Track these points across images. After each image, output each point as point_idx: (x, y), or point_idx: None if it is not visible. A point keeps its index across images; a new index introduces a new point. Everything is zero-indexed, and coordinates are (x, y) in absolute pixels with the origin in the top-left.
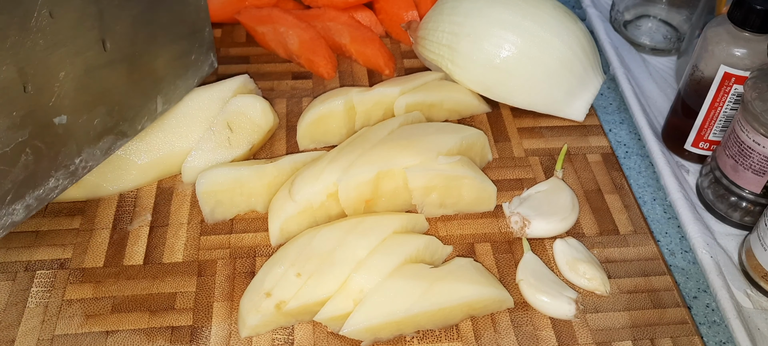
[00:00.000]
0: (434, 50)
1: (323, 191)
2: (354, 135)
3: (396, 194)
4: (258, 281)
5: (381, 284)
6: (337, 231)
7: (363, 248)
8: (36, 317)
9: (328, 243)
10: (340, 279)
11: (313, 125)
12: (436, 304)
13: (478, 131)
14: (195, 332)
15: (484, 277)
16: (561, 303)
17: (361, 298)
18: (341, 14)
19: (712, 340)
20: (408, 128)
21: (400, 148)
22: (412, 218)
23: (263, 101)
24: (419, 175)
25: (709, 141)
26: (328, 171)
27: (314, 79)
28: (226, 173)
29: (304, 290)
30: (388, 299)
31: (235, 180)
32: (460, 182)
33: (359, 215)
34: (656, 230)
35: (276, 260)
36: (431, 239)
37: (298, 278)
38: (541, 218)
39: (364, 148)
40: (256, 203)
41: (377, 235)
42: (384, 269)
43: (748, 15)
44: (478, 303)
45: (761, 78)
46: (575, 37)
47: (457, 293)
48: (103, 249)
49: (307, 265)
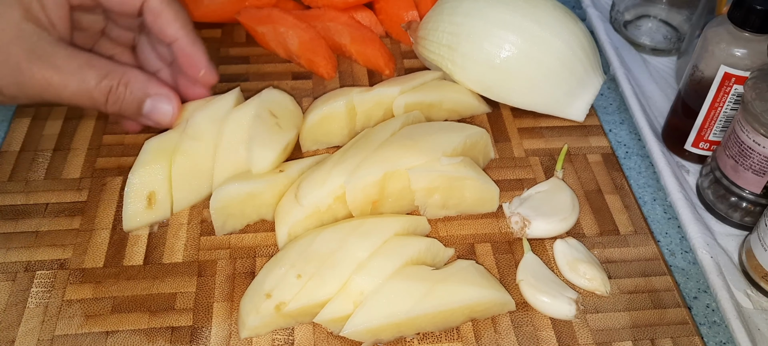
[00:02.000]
0: (434, 50)
1: (330, 195)
2: (356, 137)
3: (402, 195)
4: (258, 282)
5: (382, 286)
6: (339, 233)
7: (364, 250)
8: (36, 318)
9: (329, 245)
10: (341, 281)
11: (315, 127)
12: (437, 306)
13: (480, 130)
14: (195, 333)
15: (486, 279)
16: (561, 304)
17: (362, 300)
18: (341, 14)
19: (712, 340)
20: (411, 128)
21: (405, 149)
22: (414, 220)
23: (287, 95)
24: (422, 176)
25: (709, 141)
26: (334, 174)
27: (314, 79)
28: (240, 187)
29: (305, 292)
30: (389, 301)
31: (248, 194)
32: (463, 182)
33: (366, 216)
34: (656, 231)
35: (277, 261)
36: (433, 242)
37: (298, 280)
38: (542, 219)
39: (369, 149)
40: (267, 213)
41: (378, 237)
42: (385, 271)
43: (748, 15)
44: (480, 306)
45: (761, 78)
46: (575, 38)
47: (458, 295)
48: (103, 249)
49: (307, 266)
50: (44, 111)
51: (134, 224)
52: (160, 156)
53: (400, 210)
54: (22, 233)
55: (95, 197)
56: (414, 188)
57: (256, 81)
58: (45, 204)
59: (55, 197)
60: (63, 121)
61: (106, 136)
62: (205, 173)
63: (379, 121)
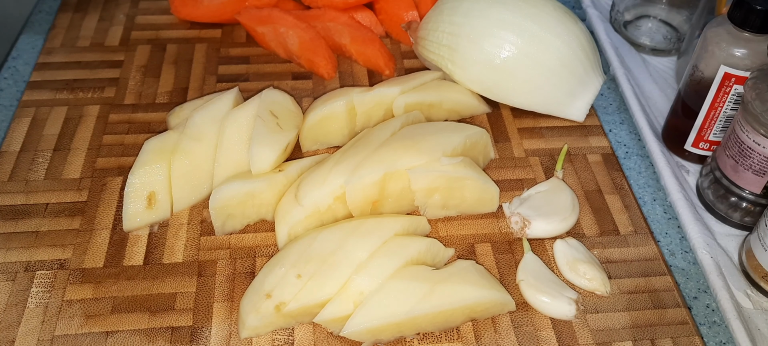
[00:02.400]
0: (434, 50)
1: (330, 194)
2: (356, 137)
3: (403, 195)
4: (258, 282)
5: (382, 286)
6: (338, 233)
7: (364, 250)
8: (36, 318)
9: (329, 245)
10: (341, 281)
11: (315, 127)
12: (437, 306)
13: (480, 129)
14: (195, 333)
15: (486, 279)
16: (561, 304)
17: (362, 300)
18: (341, 15)
19: (712, 340)
20: (411, 128)
21: (405, 149)
22: (414, 220)
23: (288, 95)
24: (422, 176)
25: (709, 141)
26: (334, 174)
27: (314, 79)
28: (239, 186)
29: (305, 292)
30: (389, 301)
31: (248, 193)
32: (463, 183)
33: (366, 216)
34: (656, 231)
35: (277, 262)
36: (433, 242)
37: (298, 280)
38: (542, 219)
39: (369, 149)
40: (267, 213)
41: (378, 237)
42: (385, 271)
43: (748, 15)
44: (480, 306)
45: (761, 78)
46: (575, 38)
47: (458, 295)
48: (103, 249)
49: (307, 266)
50: (44, 111)
51: (134, 225)
52: (159, 156)
53: (400, 210)
54: (22, 233)
55: (95, 196)
56: (414, 188)
57: (256, 81)
58: (45, 204)
59: (55, 197)
60: (63, 121)
61: (106, 136)
62: (205, 173)
63: (379, 122)
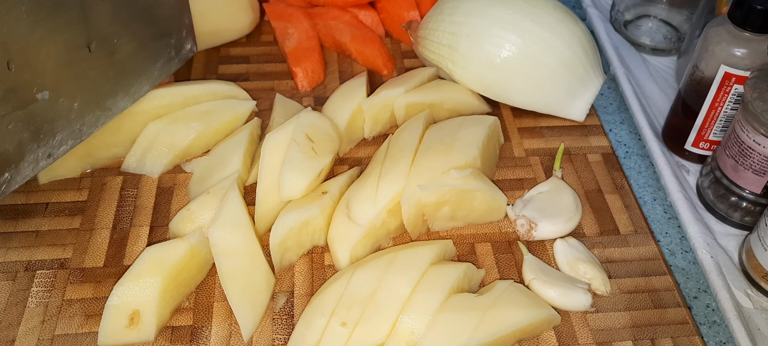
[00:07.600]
0: (434, 50)
1: (384, 210)
2: (384, 144)
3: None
4: (299, 335)
5: (433, 323)
6: (373, 271)
7: (405, 286)
8: (36, 317)
9: (366, 285)
10: (389, 323)
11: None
12: (491, 334)
13: (493, 117)
14: (195, 333)
15: (531, 299)
16: (578, 294)
17: (414, 339)
18: (344, 13)
19: (712, 340)
20: (435, 129)
21: (443, 152)
22: (443, 244)
23: (326, 118)
24: (432, 191)
25: (709, 141)
26: (383, 188)
27: None
28: (294, 217)
29: (354, 340)
30: (445, 337)
31: (303, 223)
32: (473, 195)
33: (418, 228)
34: (656, 230)
35: (313, 311)
36: (468, 266)
37: (343, 328)
38: (547, 220)
39: (407, 157)
40: (319, 239)
41: (416, 269)
42: (431, 306)
43: (748, 15)
44: (530, 326)
45: (761, 78)
46: (576, 37)
47: (510, 320)
48: (103, 249)
49: (350, 312)
50: None
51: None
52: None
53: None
54: (22, 232)
55: (95, 196)
56: (424, 202)
57: (256, 81)
58: (45, 204)
59: (55, 197)
60: None
61: None
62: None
63: (386, 124)
